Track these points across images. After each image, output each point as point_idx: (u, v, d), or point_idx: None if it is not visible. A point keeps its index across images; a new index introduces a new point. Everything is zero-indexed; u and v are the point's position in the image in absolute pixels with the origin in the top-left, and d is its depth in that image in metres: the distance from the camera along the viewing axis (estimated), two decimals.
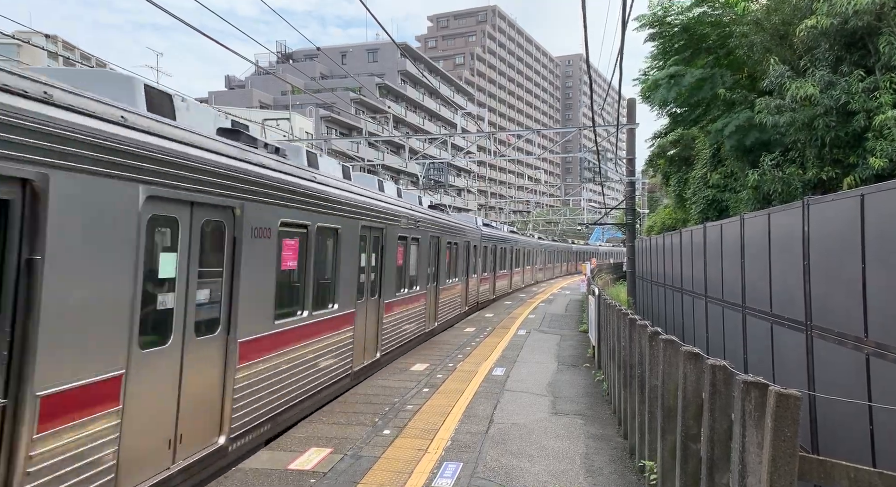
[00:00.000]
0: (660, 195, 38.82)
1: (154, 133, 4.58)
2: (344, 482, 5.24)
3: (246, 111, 38.73)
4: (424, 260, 13.14)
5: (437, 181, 41.03)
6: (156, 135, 4.59)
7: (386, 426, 6.92)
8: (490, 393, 8.67)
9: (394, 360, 10.94)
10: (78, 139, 3.81)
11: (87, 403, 3.95)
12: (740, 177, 14.17)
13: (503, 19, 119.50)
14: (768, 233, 7.45)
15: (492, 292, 23.29)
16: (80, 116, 3.85)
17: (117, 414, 4.19)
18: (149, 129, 4.53)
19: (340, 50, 69.40)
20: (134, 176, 4.31)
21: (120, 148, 4.15)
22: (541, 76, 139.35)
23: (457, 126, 48.82)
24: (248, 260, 5.89)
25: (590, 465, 5.82)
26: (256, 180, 5.96)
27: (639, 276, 20.73)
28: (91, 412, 3.98)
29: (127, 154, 4.22)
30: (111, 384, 4.14)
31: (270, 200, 6.24)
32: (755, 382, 3.05)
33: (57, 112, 3.69)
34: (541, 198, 77.23)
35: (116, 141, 4.12)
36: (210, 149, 5.29)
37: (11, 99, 3.43)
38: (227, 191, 5.46)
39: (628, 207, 18.83)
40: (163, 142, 4.63)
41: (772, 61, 11.88)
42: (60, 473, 3.74)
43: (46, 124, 3.59)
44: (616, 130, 17.49)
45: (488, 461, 5.83)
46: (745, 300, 8.48)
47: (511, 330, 15.53)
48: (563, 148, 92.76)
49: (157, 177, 4.55)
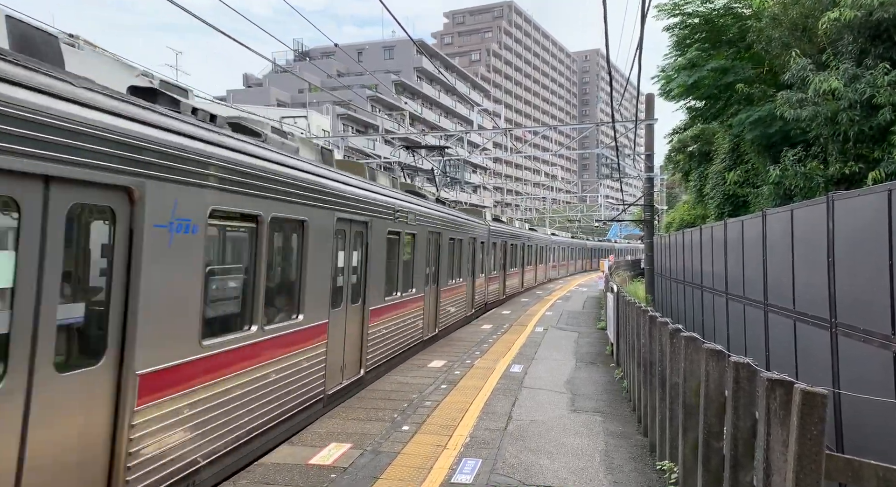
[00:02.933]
0: (678, 191, 38.45)
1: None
2: (364, 477, 5.27)
3: (264, 109, 39.00)
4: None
5: (454, 178, 40.96)
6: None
7: (405, 422, 6.95)
8: (508, 390, 8.66)
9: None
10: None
11: (314, 333, 7.05)
12: (761, 172, 13.99)
13: (519, 15, 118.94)
14: (791, 230, 7.35)
15: (502, 292, 22.60)
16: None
17: (328, 332, 7.50)
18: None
19: (357, 47, 69.61)
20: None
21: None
22: (557, 72, 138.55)
23: (473, 123, 48.71)
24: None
25: (609, 462, 5.79)
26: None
27: (657, 273, 20.56)
28: (316, 340, 7.08)
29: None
30: (322, 327, 7.28)
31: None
32: (780, 380, 3.01)
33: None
34: (557, 194, 76.74)
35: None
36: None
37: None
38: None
39: (647, 203, 18.66)
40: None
41: (793, 55, 11.69)
42: (304, 366, 6.82)
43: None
44: (635, 126, 17.33)
45: (507, 457, 5.83)
46: (766, 297, 8.37)
47: (528, 327, 15.50)
48: (580, 144, 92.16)
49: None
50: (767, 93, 13.21)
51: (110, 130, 3.97)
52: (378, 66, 66.81)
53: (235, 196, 5.33)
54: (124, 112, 4.15)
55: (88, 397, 3.89)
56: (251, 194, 5.58)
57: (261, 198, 5.74)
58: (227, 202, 5.23)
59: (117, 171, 4.01)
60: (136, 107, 4.31)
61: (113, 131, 3.99)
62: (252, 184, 5.57)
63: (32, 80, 3.52)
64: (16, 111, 3.36)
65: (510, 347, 12.36)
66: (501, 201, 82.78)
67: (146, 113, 4.38)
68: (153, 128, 4.37)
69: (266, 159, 5.87)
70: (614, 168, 24.49)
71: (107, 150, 3.94)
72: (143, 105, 4.43)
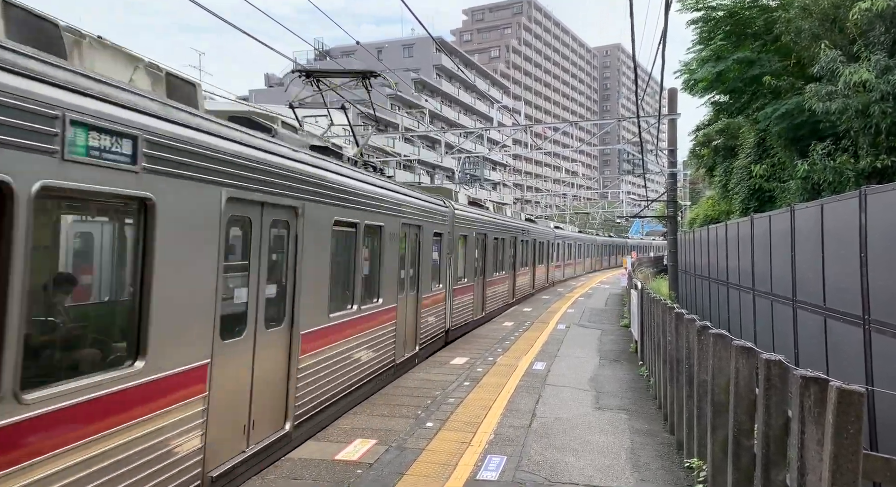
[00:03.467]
0: (702, 187, 37.93)
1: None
2: (390, 473, 5.30)
3: (285, 108, 39.30)
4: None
5: (473, 175, 40.91)
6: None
7: (428, 418, 6.97)
8: (531, 387, 8.63)
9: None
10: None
11: (388, 313, 8.82)
12: (788, 166, 13.72)
13: (539, 10, 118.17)
14: (821, 225, 7.20)
15: (531, 285, 23.78)
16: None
17: (397, 313, 9.35)
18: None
19: (377, 46, 69.84)
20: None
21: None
22: (578, 67, 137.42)
23: (493, 120, 48.58)
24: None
25: (636, 460, 5.74)
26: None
27: (681, 270, 20.31)
28: (390, 319, 8.85)
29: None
30: (393, 309, 9.00)
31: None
32: (814, 377, 2.96)
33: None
34: (578, 190, 76.18)
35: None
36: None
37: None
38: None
39: (670, 199, 18.43)
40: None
41: (822, 46, 11.44)
42: (383, 338, 8.54)
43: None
44: (657, 121, 17.13)
45: (532, 455, 5.82)
46: (795, 293, 8.22)
47: (550, 325, 15.43)
48: (601, 140, 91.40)
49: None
50: (795, 86, 12.94)
51: (292, 170, 5.85)
52: (398, 64, 66.91)
53: (346, 210, 7.22)
54: (296, 158, 6.03)
55: (278, 344, 5.84)
56: (354, 209, 7.49)
57: (359, 211, 7.65)
58: (342, 214, 7.13)
59: (292, 198, 5.86)
60: (302, 154, 6.28)
61: (293, 171, 5.87)
62: (355, 201, 7.51)
63: (274, 149, 5.61)
64: (270, 168, 5.41)
65: (532, 344, 12.32)
66: (521, 198, 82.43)
67: (306, 157, 6.33)
68: (310, 167, 6.29)
69: (364, 182, 7.96)
70: (636, 164, 24.19)
71: (289, 184, 5.79)
72: (309, 154, 6.51)
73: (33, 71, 3.22)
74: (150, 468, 4.03)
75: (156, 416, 4.08)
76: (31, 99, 3.14)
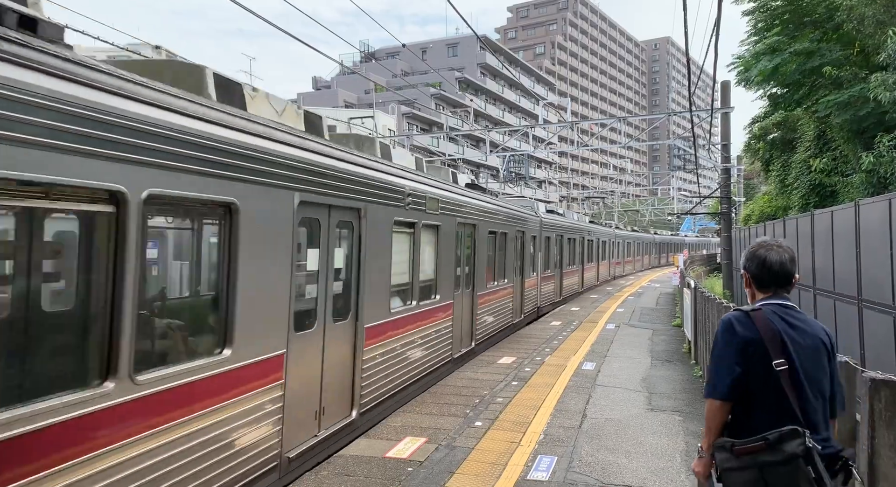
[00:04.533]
0: (757, 182, 36.62)
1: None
2: (440, 471, 5.33)
3: (332, 111, 40.02)
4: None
5: (518, 174, 40.64)
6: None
7: (477, 418, 6.97)
8: (581, 387, 8.53)
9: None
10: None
11: (445, 309, 9.19)
12: (851, 160, 13.12)
13: (585, 5, 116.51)
14: (889, 221, 6.86)
15: (581, 284, 23.93)
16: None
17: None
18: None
19: (421, 46, 70.22)
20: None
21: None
22: (625, 62, 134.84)
23: (538, 117, 48.17)
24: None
25: (691, 463, 5.60)
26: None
27: (736, 268, 19.68)
28: (446, 315, 9.18)
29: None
30: (449, 305, 9.39)
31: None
32: (885, 380, 2.83)
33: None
34: (626, 187, 74.74)
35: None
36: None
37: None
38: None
39: (723, 195, 17.88)
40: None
41: (890, 33, 10.88)
42: (440, 333, 8.99)
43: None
44: (710, 115, 16.64)
45: (583, 455, 5.75)
46: (860, 292, 7.86)
47: (599, 325, 15.20)
48: (650, 135, 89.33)
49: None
50: (859, 76, 12.35)
51: (358, 175, 6.32)
52: (442, 63, 67.15)
53: (406, 211, 7.59)
54: (359, 162, 6.47)
55: (345, 337, 6.22)
56: (414, 210, 7.84)
57: (418, 212, 8.00)
58: (402, 215, 7.50)
59: (357, 200, 6.30)
60: (365, 159, 6.71)
61: (359, 176, 6.34)
62: (415, 202, 7.86)
63: (338, 154, 6.04)
64: (341, 175, 5.95)
65: (581, 344, 12.17)
66: (567, 196, 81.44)
67: (368, 162, 6.77)
68: (373, 172, 6.72)
69: (428, 185, 8.48)
70: (687, 159, 23.53)
71: (355, 188, 6.24)
72: (365, 156, 6.82)
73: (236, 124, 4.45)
74: (237, 446, 4.43)
75: (242, 399, 4.47)
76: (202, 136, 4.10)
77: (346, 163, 6.05)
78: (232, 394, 4.32)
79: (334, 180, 5.75)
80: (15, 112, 2.89)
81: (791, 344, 2.52)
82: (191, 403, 3.92)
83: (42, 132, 3.01)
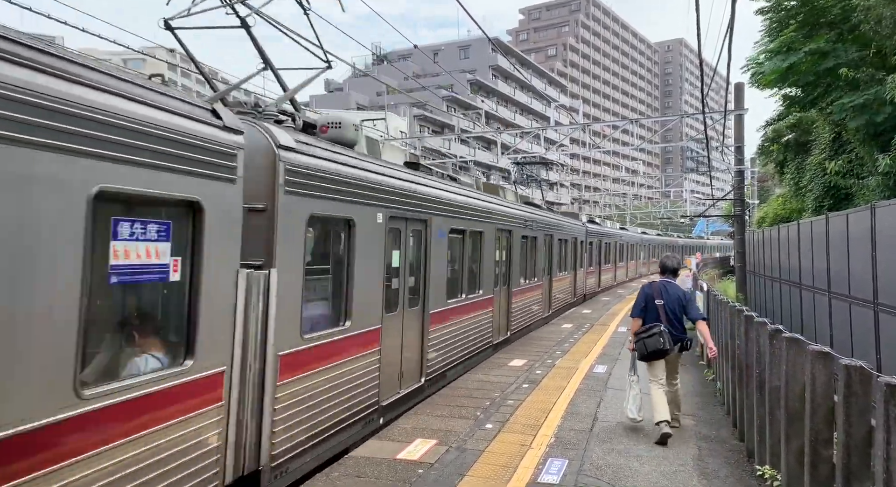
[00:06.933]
0: (771, 185, 36.28)
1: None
2: (451, 473, 5.33)
3: (344, 113, 40.15)
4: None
5: (530, 176, 40.50)
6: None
7: (488, 420, 6.97)
8: (592, 390, 8.49)
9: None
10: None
11: (488, 302, 10.81)
12: (867, 162, 12.95)
13: (597, 7, 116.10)
14: None
15: (598, 284, 25.23)
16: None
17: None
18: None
19: (433, 48, 70.22)
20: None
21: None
22: (638, 63, 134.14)
23: (549, 119, 48.01)
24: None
25: (703, 468, 5.56)
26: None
27: (749, 271, 19.50)
28: (488, 307, 10.83)
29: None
30: (490, 299, 10.98)
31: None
32: None
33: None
34: (639, 189, 74.28)
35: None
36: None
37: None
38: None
39: (737, 198, 17.71)
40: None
41: None
42: (483, 322, 10.60)
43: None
44: (724, 117, 16.51)
45: (594, 459, 5.72)
46: (876, 296, 7.77)
47: (611, 328, 15.13)
48: (663, 137, 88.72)
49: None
50: (875, 78, 12.19)
51: (425, 194, 7.92)
52: (454, 65, 67.13)
53: (457, 220, 9.14)
54: (425, 183, 8.05)
55: (416, 319, 7.94)
56: (463, 219, 9.43)
57: (466, 220, 9.54)
58: (455, 224, 9.09)
59: (425, 212, 7.90)
60: (430, 180, 8.40)
61: (427, 195, 7.97)
62: (465, 212, 9.51)
63: (412, 179, 7.74)
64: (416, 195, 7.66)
65: (592, 347, 12.11)
66: (579, 198, 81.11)
67: (430, 181, 8.36)
68: (435, 190, 8.33)
69: (477, 199, 10.31)
70: (700, 161, 23.38)
71: (425, 204, 7.90)
72: (427, 176, 8.53)
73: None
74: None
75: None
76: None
77: (416, 185, 7.68)
78: (353, 352, 6.15)
79: (408, 199, 7.35)
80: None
81: (664, 295, 6.65)
82: (331, 356, 5.75)
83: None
